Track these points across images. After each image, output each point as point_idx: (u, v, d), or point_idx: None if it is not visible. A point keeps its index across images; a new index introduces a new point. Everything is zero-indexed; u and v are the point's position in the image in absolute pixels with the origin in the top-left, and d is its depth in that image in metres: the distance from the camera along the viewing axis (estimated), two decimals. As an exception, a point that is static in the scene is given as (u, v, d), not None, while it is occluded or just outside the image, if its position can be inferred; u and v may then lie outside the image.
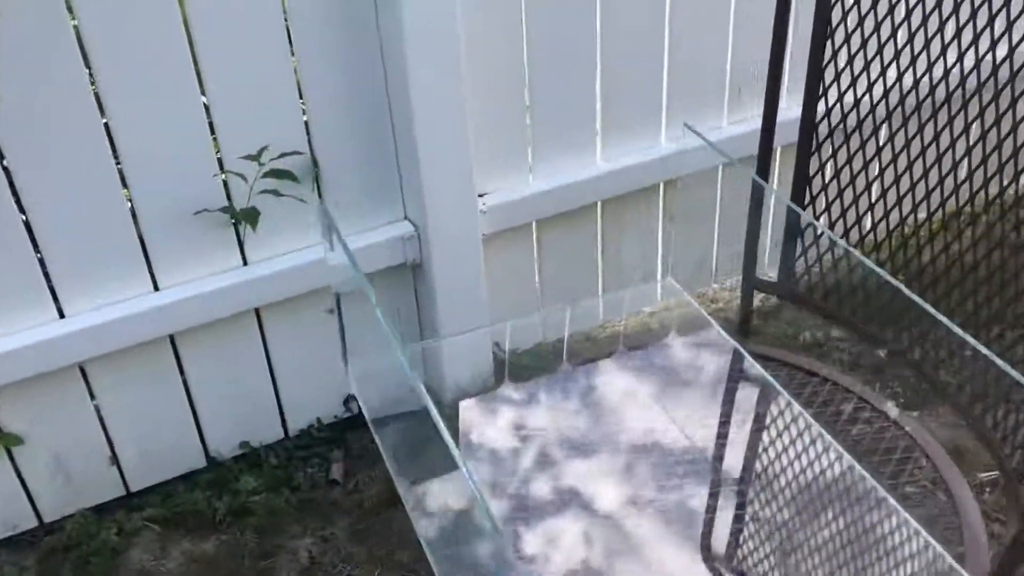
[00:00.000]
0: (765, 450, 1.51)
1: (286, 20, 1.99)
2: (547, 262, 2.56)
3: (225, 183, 2.04)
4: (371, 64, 2.09)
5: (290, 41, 2.00)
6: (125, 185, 1.98)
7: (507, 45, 2.24)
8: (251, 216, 1.99)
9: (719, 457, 1.49)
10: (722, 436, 1.53)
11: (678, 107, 2.54)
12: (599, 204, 2.55)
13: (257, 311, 2.22)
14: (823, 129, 1.70)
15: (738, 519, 1.37)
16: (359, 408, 2.46)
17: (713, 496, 1.42)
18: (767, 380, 1.57)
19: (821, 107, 1.70)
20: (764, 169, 1.77)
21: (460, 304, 2.37)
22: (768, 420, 1.54)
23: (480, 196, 2.33)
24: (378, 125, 2.16)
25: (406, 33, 1.98)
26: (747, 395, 1.61)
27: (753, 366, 1.60)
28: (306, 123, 2.10)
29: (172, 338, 2.15)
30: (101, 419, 2.17)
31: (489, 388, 2.49)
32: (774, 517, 1.38)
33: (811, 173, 1.72)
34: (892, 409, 1.53)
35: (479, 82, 2.19)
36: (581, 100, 2.41)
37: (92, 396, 2.13)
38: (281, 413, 2.39)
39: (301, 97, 2.07)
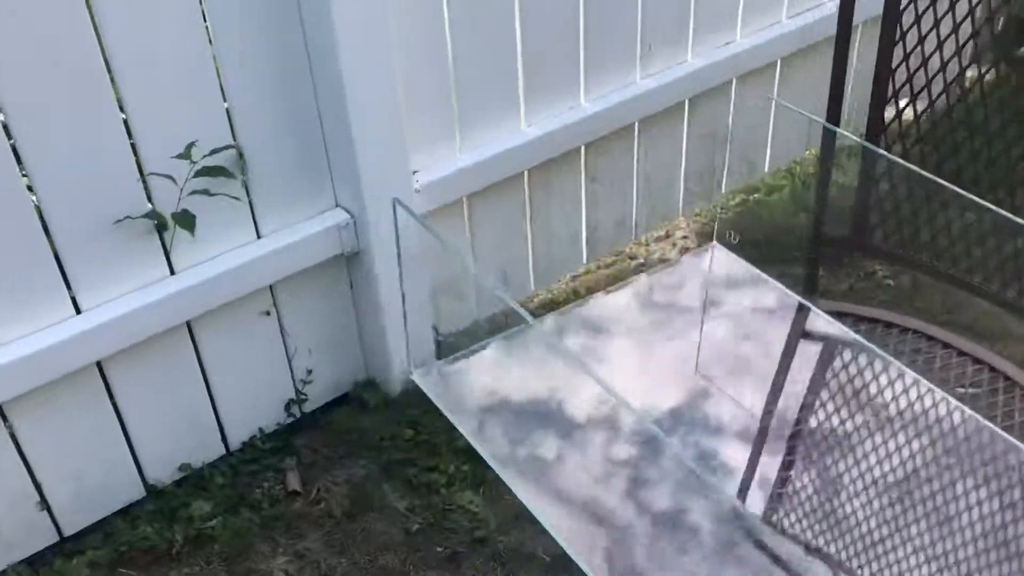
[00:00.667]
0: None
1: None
2: (479, 236, 2.48)
3: (145, 184, 1.85)
4: (294, 43, 1.93)
5: (205, 19, 1.82)
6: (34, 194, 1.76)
7: (428, 8, 2.13)
8: (186, 220, 1.81)
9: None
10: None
11: (595, 66, 2.49)
12: (526, 172, 2.48)
13: (188, 322, 2.04)
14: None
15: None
16: (301, 412, 2.31)
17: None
18: (855, 340, 1.47)
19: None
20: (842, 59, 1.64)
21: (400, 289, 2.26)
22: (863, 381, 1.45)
23: (413, 173, 2.22)
24: (303, 109, 2.01)
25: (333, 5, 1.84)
26: (812, 357, 1.52)
27: (832, 323, 1.51)
28: (227, 111, 1.93)
29: (99, 364, 1.95)
30: (25, 461, 1.95)
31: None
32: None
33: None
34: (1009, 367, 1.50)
35: (401, 52, 2.07)
36: (503, 68, 2.32)
37: (14, 439, 1.90)
38: (220, 428, 2.21)
39: (220, 84, 1.89)
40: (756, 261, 1.65)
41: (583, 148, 2.57)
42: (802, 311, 1.54)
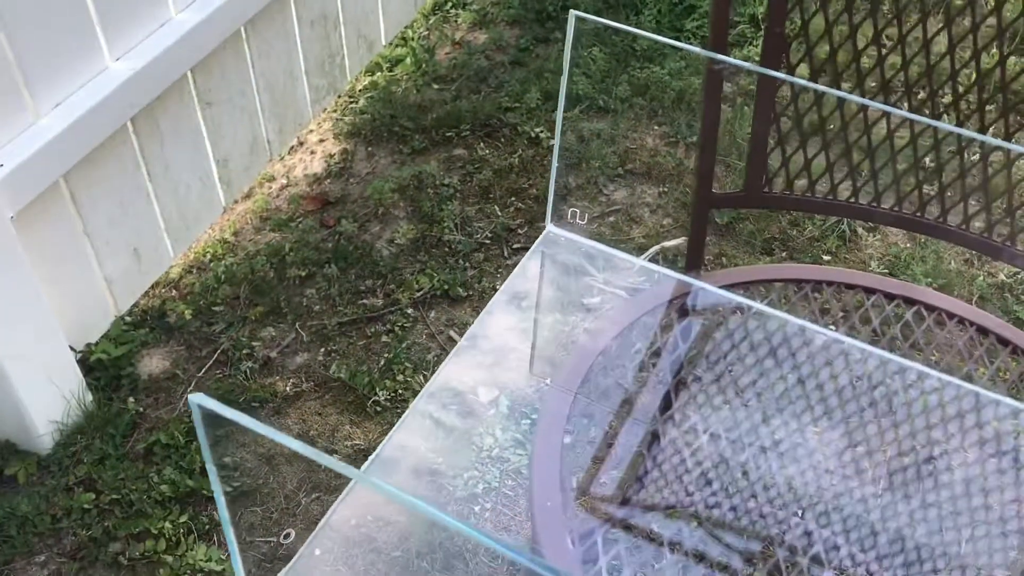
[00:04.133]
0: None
1: None
2: (92, 220, 1.91)
3: None
4: None
5: None
6: None
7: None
8: None
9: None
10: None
11: (178, -34, 1.94)
12: (129, 123, 1.92)
13: None
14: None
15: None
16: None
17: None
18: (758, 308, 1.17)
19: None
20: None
21: (11, 319, 1.68)
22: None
23: (-15, 169, 1.60)
24: None
25: None
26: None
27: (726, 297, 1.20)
28: None
29: None
30: None
31: (87, 407, 1.86)
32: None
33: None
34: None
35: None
36: (61, -9, 1.71)
37: None
38: None
39: None
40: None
41: (190, 73, 2.04)
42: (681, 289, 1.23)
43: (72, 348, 1.90)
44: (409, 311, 2.09)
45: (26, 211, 1.70)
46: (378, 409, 1.88)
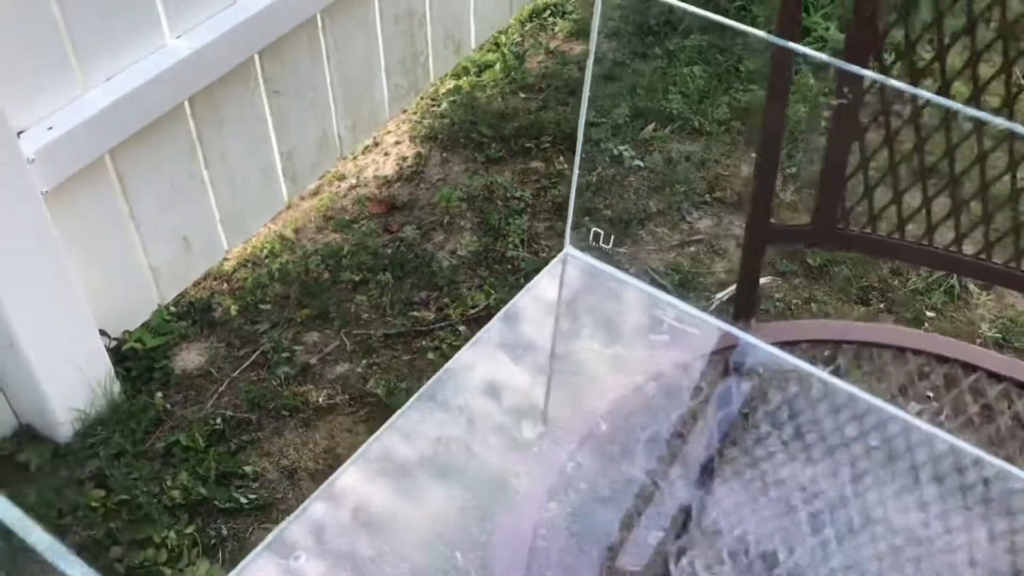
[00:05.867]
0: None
1: None
2: (139, 201, 1.82)
3: None
4: None
5: None
6: None
7: None
8: None
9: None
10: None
11: (252, -56, 1.85)
12: (187, 103, 1.83)
13: None
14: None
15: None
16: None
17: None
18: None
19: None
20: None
21: (37, 300, 1.59)
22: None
23: (19, 134, 1.52)
24: None
25: None
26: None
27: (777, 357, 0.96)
28: None
29: None
30: None
31: (114, 398, 1.77)
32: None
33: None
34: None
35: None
36: (121, -41, 1.63)
37: None
38: None
39: None
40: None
41: (257, 57, 1.95)
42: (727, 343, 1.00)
43: (106, 334, 1.81)
44: (460, 328, 1.94)
45: (63, 187, 1.61)
46: (411, 432, 1.73)
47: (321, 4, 2.03)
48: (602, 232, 0.95)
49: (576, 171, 0.88)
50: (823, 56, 0.75)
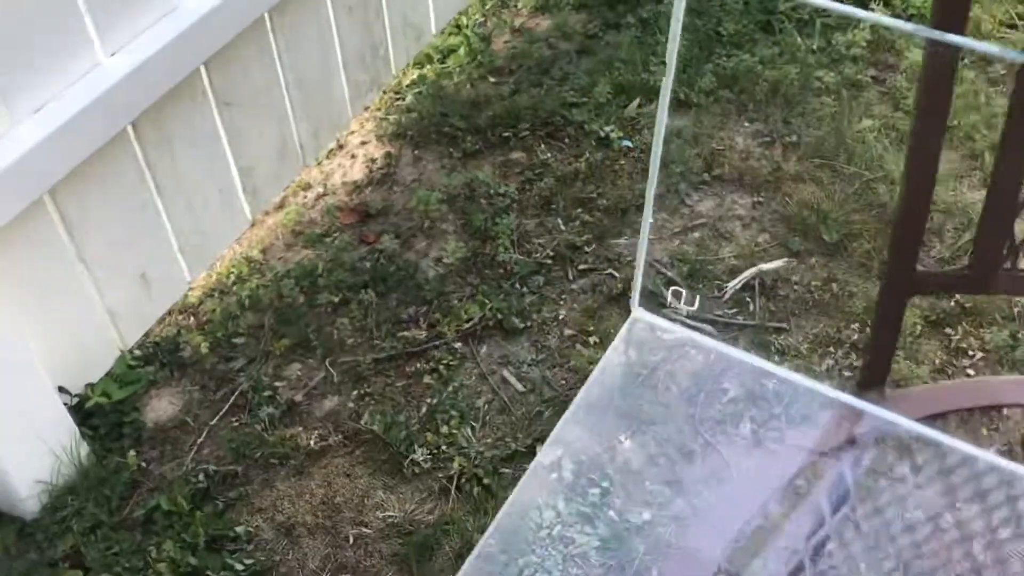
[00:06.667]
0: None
1: None
2: (87, 240, 1.63)
3: None
4: None
5: None
6: None
7: None
8: None
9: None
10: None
11: (185, -57, 1.65)
12: (130, 128, 1.64)
13: None
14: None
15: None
16: None
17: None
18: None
19: None
20: None
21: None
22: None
23: (-59, 190, 1.33)
24: None
25: None
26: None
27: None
28: None
29: None
30: None
31: (82, 462, 1.59)
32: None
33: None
34: None
35: None
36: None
37: None
38: None
39: None
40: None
41: (203, 68, 1.76)
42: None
43: (66, 391, 1.63)
44: (456, 346, 1.77)
45: (1, 237, 1.43)
46: (416, 471, 1.57)
47: (269, 2, 1.83)
48: (683, 291, 0.77)
49: (648, 221, 0.72)
50: (990, 48, 0.58)
